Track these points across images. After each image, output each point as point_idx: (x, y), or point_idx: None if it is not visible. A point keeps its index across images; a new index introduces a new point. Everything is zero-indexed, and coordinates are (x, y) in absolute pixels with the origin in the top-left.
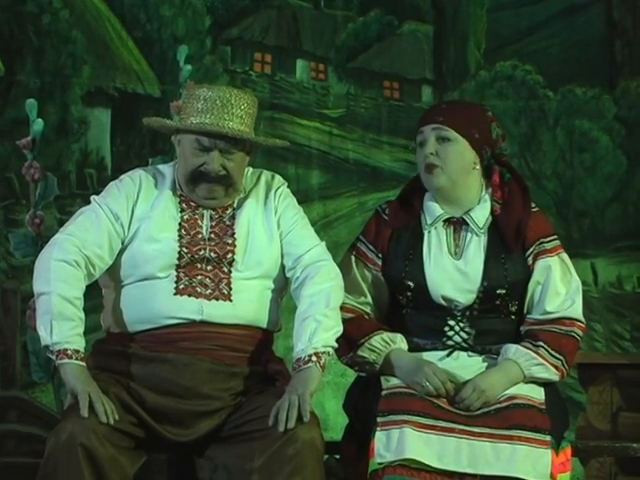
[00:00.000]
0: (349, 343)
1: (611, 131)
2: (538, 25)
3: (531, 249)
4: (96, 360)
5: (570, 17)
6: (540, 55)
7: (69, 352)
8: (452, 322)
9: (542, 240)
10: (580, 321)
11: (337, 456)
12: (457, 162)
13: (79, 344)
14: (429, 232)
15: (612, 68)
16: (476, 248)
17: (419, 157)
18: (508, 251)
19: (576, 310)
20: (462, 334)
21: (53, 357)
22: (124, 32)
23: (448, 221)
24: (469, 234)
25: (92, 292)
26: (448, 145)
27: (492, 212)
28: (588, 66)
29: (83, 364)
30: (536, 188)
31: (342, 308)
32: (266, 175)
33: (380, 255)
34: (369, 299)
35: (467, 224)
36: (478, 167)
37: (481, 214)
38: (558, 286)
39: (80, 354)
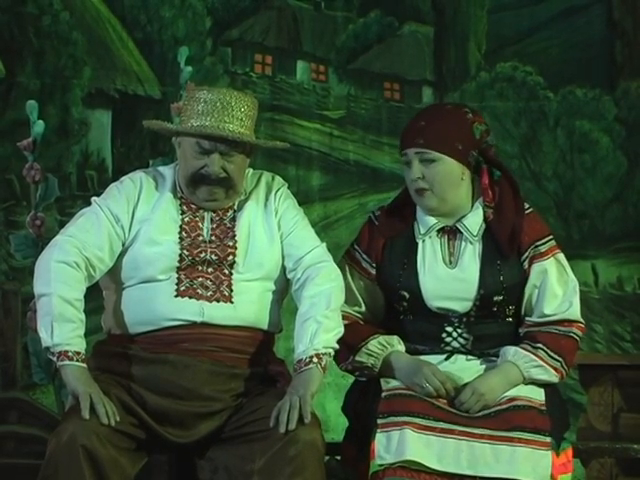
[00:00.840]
0: (346, 349)
1: (611, 132)
2: (538, 26)
3: (526, 253)
4: (97, 361)
5: (570, 18)
6: (540, 56)
7: (70, 354)
8: (450, 329)
9: (537, 243)
10: (579, 322)
11: (338, 457)
12: (445, 181)
13: (80, 346)
14: (423, 241)
15: (612, 69)
16: (471, 256)
17: (407, 178)
18: (503, 257)
19: (574, 311)
20: (460, 340)
21: (54, 359)
22: (124, 33)
23: (442, 230)
24: (463, 242)
25: (93, 294)
26: (433, 167)
27: (485, 219)
28: (588, 67)
29: (84, 365)
30: (536, 189)
31: None
32: (266, 176)
33: (374, 265)
34: (363, 309)
35: (461, 232)
36: (466, 175)
37: (474, 221)
38: (555, 288)
39: (81, 356)
